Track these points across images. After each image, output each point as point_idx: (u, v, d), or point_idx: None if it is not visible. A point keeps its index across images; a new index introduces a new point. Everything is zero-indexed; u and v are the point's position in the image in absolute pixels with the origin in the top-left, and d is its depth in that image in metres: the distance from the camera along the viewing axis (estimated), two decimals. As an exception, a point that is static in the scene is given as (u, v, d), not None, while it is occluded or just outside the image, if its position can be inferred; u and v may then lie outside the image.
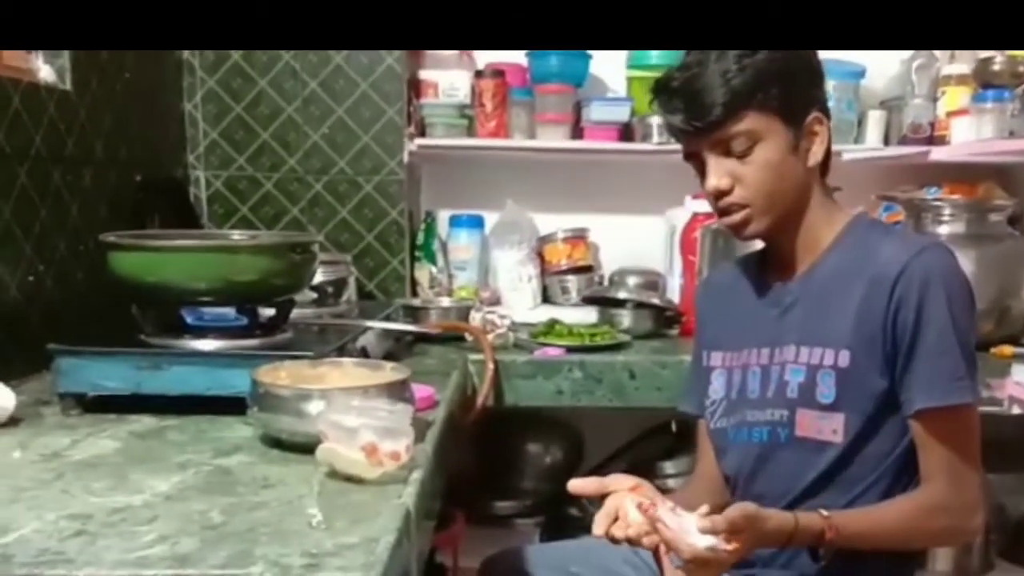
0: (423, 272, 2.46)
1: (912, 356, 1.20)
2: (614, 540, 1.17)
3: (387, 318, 1.83)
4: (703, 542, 1.07)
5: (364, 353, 1.53)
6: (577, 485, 1.23)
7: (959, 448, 1.20)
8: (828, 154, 1.30)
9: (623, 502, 1.17)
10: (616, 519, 1.17)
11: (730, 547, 1.07)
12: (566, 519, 2.34)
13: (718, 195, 1.26)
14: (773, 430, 1.29)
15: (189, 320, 1.39)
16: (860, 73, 2.41)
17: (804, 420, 1.26)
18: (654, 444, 2.43)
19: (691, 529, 1.08)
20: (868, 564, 1.23)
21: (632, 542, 1.15)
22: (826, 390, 1.24)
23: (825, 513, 1.17)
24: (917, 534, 1.23)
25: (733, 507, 1.11)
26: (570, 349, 1.98)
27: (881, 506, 1.22)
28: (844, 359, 1.23)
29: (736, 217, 1.27)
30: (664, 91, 1.26)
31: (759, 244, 1.40)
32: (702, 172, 1.28)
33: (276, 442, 1.14)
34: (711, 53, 1.22)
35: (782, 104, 1.23)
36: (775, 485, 1.29)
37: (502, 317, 2.09)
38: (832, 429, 1.24)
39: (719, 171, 1.25)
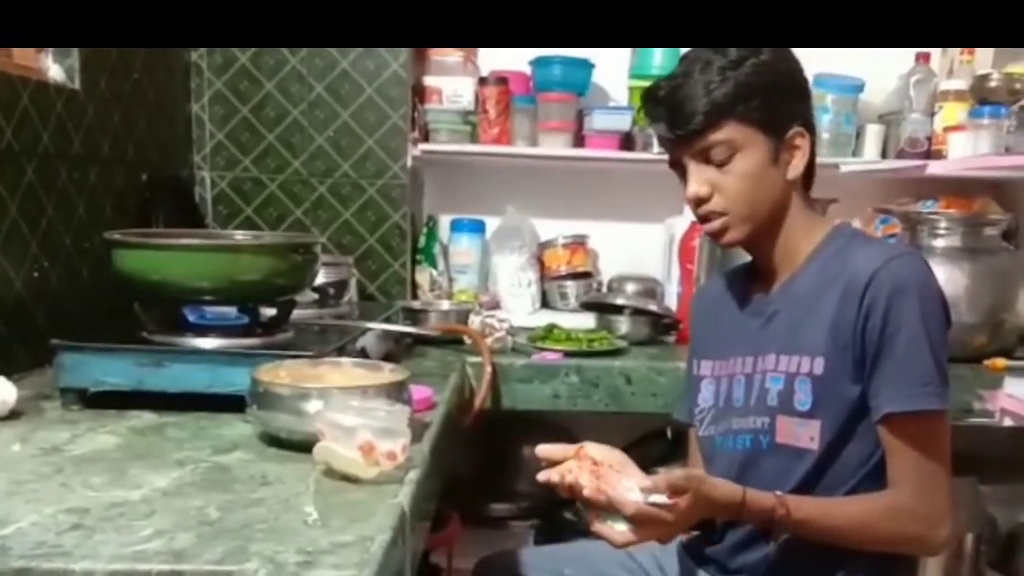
0: (424, 275, 2.48)
1: (879, 362, 1.20)
2: (552, 484, 1.22)
3: (387, 320, 1.84)
4: (645, 498, 1.11)
5: (364, 354, 1.54)
6: (544, 449, 1.27)
7: (927, 455, 1.20)
8: (812, 168, 1.33)
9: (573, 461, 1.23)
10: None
11: (671, 502, 1.11)
12: (560, 522, 2.35)
13: (698, 202, 1.29)
14: (756, 437, 1.30)
15: (191, 318, 1.40)
16: (859, 87, 2.43)
17: (784, 427, 1.27)
18: (649, 450, 2.43)
19: (634, 487, 1.12)
20: (853, 563, 1.25)
21: (572, 489, 1.19)
22: (803, 397, 1.25)
23: (779, 493, 1.19)
24: (875, 534, 1.22)
25: (677, 470, 1.15)
26: (568, 354, 2.00)
27: (842, 499, 1.23)
28: (819, 366, 1.24)
29: (715, 225, 1.29)
30: (650, 100, 1.30)
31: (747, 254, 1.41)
32: (685, 179, 1.30)
33: (274, 440, 1.15)
34: (697, 64, 1.24)
35: (763, 116, 1.25)
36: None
37: (501, 321, 2.11)
38: (809, 436, 1.24)
39: (699, 179, 1.27)
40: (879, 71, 2.44)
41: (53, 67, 1.64)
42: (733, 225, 1.29)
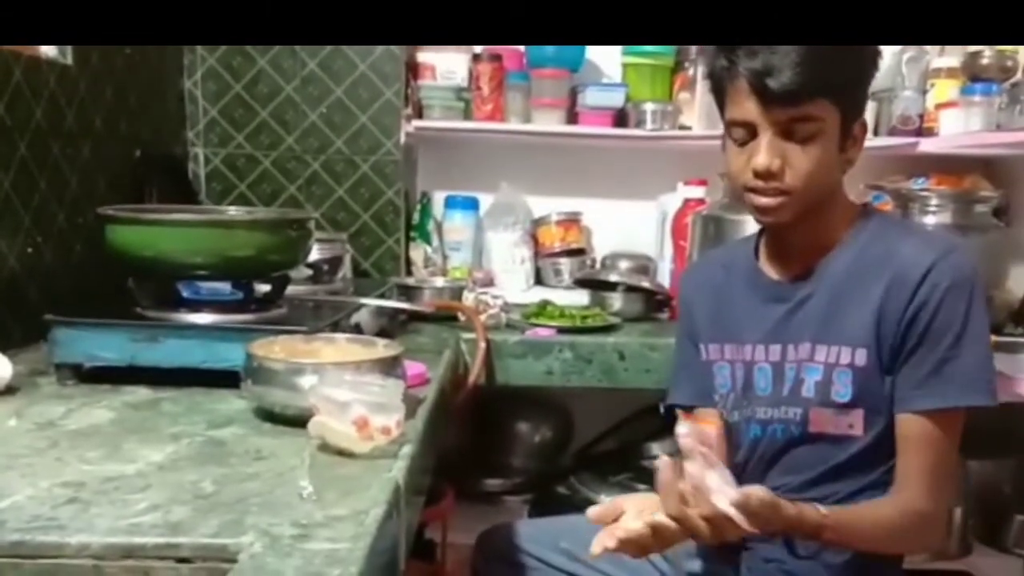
0: (418, 252, 2.48)
1: (916, 355, 1.20)
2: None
3: (381, 296, 1.84)
4: (728, 509, 1.04)
5: (358, 329, 1.55)
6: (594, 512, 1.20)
7: (942, 455, 1.21)
8: None
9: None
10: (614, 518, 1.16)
11: (748, 528, 1.05)
12: (554, 497, 2.37)
13: (765, 175, 1.21)
14: (787, 427, 1.29)
15: (185, 294, 1.40)
16: (853, 64, 2.42)
17: (817, 418, 1.26)
18: (642, 425, 2.45)
19: (720, 489, 1.04)
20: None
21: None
22: (842, 389, 1.23)
23: (824, 511, 1.15)
24: (897, 541, 1.24)
25: (759, 493, 1.06)
26: (561, 330, 2.00)
27: (865, 511, 1.22)
28: (861, 357, 1.22)
29: (771, 201, 1.22)
30: (742, 49, 1.19)
31: (749, 231, 1.39)
32: (744, 142, 1.23)
33: (269, 415, 1.15)
34: None
35: (850, 102, 1.22)
36: (788, 476, 1.30)
37: (495, 297, 2.11)
38: (848, 424, 1.24)
39: (774, 150, 1.19)
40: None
41: (45, 42, 1.63)
42: (789, 206, 1.22)
